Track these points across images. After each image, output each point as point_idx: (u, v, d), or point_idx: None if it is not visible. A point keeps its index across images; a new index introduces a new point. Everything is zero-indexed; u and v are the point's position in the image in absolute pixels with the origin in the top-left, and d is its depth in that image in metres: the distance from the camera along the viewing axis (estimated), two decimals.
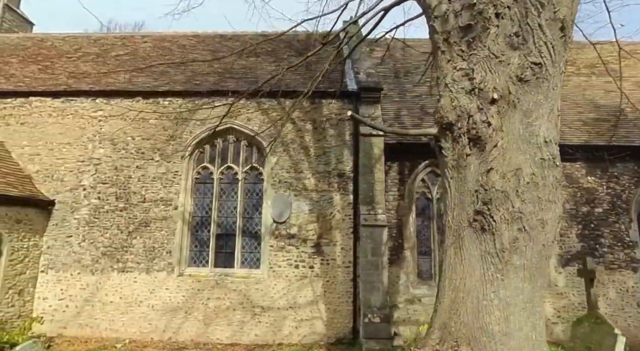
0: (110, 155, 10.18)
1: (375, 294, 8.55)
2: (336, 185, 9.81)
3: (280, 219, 9.64)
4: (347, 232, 9.57)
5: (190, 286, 9.47)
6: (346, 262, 9.45)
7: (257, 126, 10.18)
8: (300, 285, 9.39)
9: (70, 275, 9.63)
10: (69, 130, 10.38)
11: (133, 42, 14.17)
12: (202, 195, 10.22)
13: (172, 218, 9.79)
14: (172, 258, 9.61)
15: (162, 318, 9.34)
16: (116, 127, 10.33)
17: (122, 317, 9.39)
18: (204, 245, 9.98)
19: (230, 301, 9.37)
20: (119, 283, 9.54)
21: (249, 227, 10.01)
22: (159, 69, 11.83)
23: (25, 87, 10.88)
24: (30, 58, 13.01)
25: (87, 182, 10.06)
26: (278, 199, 9.73)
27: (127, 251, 9.68)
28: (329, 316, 9.26)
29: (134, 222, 9.80)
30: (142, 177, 10.01)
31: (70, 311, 9.46)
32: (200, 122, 10.25)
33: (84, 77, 11.39)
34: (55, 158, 10.23)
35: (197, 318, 9.33)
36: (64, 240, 9.80)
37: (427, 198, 10.52)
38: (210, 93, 10.41)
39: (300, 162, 9.96)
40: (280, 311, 9.31)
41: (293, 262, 9.50)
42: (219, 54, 12.92)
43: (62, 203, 9.96)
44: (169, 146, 10.16)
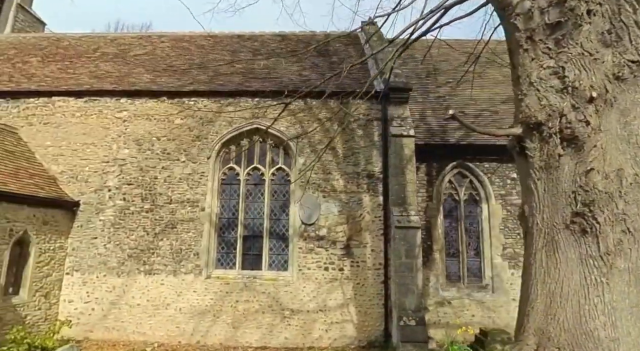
0: (136, 155, 10.05)
1: (409, 297, 8.44)
2: (365, 186, 9.70)
3: (309, 221, 9.53)
4: (377, 234, 9.46)
5: (219, 289, 9.34)
6: (376, 264, 9.34)
7: (285, 127, 10.07)
8: (330, 288, 9.27)
9: (96, 278, 9.49)
10: (93, 131, 10.25)
11: (150, 42, 14.06)
12: (228, 197, 10.09)
13: (199, 219, 9.67)
14: (200, 261, 9.48)
15: (190, 321, 9.21)
16: (141, 127, 10.21)
17: (150, 320, 9.25)
18: (230, 247, 9.85)
19: (259, 304, 9.24)
20: (146, 286, 9.40)
21: (276, 228, 9.89)
22: (180, 69, 11.75)
23: (48, 87, 10.74)
24: (49, 58, 12.87)
25: (112, 183, 9.92)
26: (307, 201, 9.62)
27: (153, 253, 9.54)
28: (360, 319, 9.14)
29: (160, 223, 9.67)
30: (168, 178, 9.88)
31: (97, 314, 9.31)
32: (226, 123, 10.13)
33: (106, 77, 11.29)
34: (79, 158, 10.10)
35: (226, 321, 9.20)
36: (89, 242, 9.66)
37: (454, 199, 10.43)
38: (235, 93, 10.32)
39: (328, 162, 9.84)
40: (310, 314, 9.19)
41: (322, 264, 9.38)
42: (239, 55, 12.87)
43: (86, 205, 9.83)
44: (194, 146, 10.04)
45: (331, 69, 11.64)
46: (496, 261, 9.85)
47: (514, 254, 9.83)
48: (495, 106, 11.45)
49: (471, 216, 10.37)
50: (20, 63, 12.46)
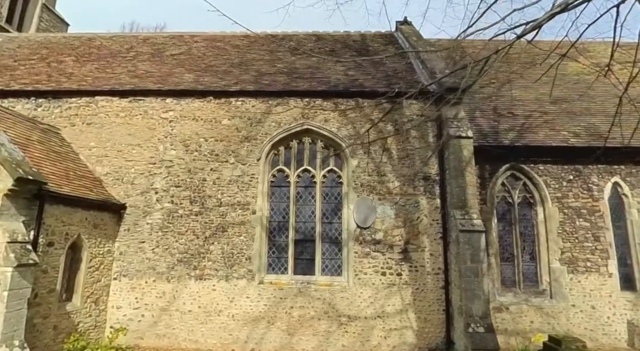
0: (183, 157, 9.77)
1: (476, 302, 8.15)
2: (422, 189, 9.44)
3: (365, 224, 9.26)
4: (435, 238, 9.20)
5: (272, 295, 9.05)
6: (435, 269, 9.07)
7: (336, 127, 9.81)
8: (388, 293, 8.99)
9: (145, 283, 9.18)
10: (138, 131, 9.97)
11: (184, 42, 13.82)
12: (278, 199, 9.81)
13: (250, 222, 9.38)
14: (252, 265, 9.19)
15: (244, 328, 8.91)
16: (188, 128, 9.94)
17: (202, 327, 8.95)
18: (282, 251, 9.56)
19: (315, 310, 8.95)
20: (197, 292, 9.10)
21: (328, 232, 9.61)
22: (221, 69, 11.52)
23: (90, 86, 10.46)
24: (84, 57, 12.61)
25: (159, 185, 9.63)
26: (362, 203, 9.35)
27: (204, 257, 9.25)
28: (420, 325, 8.86)
29: (211, 226, 9.38)
30: (217, 180, 9.60)
31: (147, 320, 9.00)
32: (275, 123, 9.87)
33: (147, 77, 11.03)
34: (125, 160, 9.81)
35: (281, 327, 8.90)
36: (137, 246, 9.36)
37: (507, 202, 10.18)
38: (284, 93, 10.06)
39: (382, 164, 9.58)
40: (367, 320, 8.90)
41: (380, 268, 9.10)
42: (277, 54, 12.65)
43: (133, 207, 9.53)
44: (243, 148, 9.76)
45: (375, 68, 11.43)
46: (554, 265, 9.59)
47: (573, 258, 9.58)
48: (544, 107, 11.20)
49: (525, 219, 10.12)
50: (55, 62, 12.19)
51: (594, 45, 13.50)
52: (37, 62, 12.24)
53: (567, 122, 10.61)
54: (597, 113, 10.92)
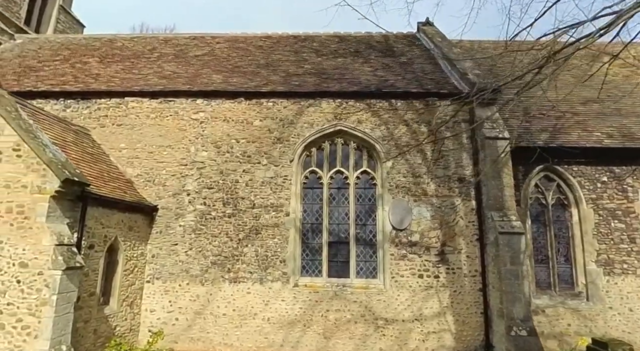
0: (215, 158, 9.68)
1: (517, 305, 8.06)
2: (457, 190, 9.35)
3: (401, 226, 9.16)
4: (471, 239, 9.11)
5: (307, 298, 8.94)
6: (472, 271, 8.97)
7: (369, 129, 9.73)
8: (425, 296, 8.89)
9: (178, 286, 9.07)
10: (169, 132, 9.88)
11: (206, 43, 13.75)
12: (311, 201, 9.72)
13: (284, 225, 9.28)
14: (287, 268, 9.09)
15: (279, 332, 8.80)
16: (219, 129, 9.85)
17: (237, 331, 8.84)
18: (315, 254, 9.46)
19: (351, 314, 8.85)
20: (232, 295, 8.99)
21: (362, 234, 9.52)
22: (248, 69, 11.45)
23: (119, 87, 10.37)
24: (107, 58, 12.53)
25: (191, 186, 9.54)
26: (397, 205, 9.26)
27: (238, 260, 9.15)
28: (458, 328, 8.76)
29: (244, 229, 9.28)
30: (250, 182, 9.50)
31: (181, 324, 8.89)
32: (307, 124, 9.79)
33: (174, 77, 10.95)
34: (156, 161, 9.72)
35: (317, 331, 8.80)
36: (170, 249, 9.25)
37: (540, 204, 10.09)
38: (316, 94, 9.99)
39: (417, 166, 9.50)
40: (405, 323, 8.80)
41: (416, 271, 9.01)
42: (302, 55, 12.59)
43: (165, 209, 9.44)
44: (275, 149, 9.67)
45: (404, 69, 11.37)
46: (590, 268, 9.49)
47: (609, 260, 9.48)
48: (575, 108, 11.13)
49: (559, 221, 10.02)
50: (79, 63, 12.10)
51: (617, 47, 13.46)
52: (60, 63, 12.16)
53: (599, 123, 10.54)
54: (628, 115, 10.85)
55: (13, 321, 5.88)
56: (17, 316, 5.89)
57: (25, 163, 6.36)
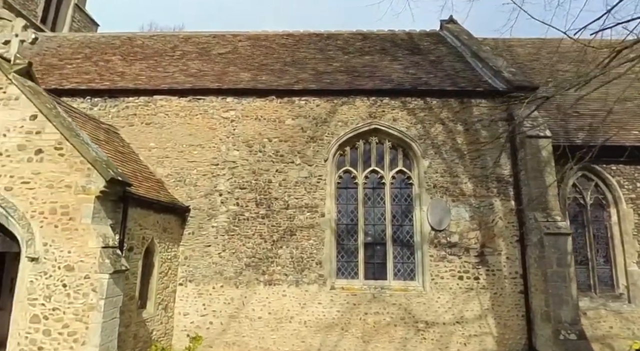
0: (247, 157, 9.46)
1: (564, 308, 7.87)
2: (495, 190, 9.15)
3: (440, 227, 8.96)
4: (511, 241, 8.90)
5: (345, 300, 8.73)
6: (513, 273, 8.77)
7: (405, 127, 9.52)
8: (466, 298, 8.68)
9: (212, 289, 8.85)
10: (199, 131, 9.66)
11: (227, 41, 13.53)
12: (345, 201, 9.51)
13: (319, 226, 9.07)
14: (323, 270, 8.87)
15: (317, 336, 8.58)
16: (250, 128, 9.64)
17: (273, 334, 8.62)
18: (351, 255, 9.25)
19: (391, 316, 8.64)
20: (267, 297, 8.77)
21: (399, 235, 9.30)
22: (275, 67, 11.24)
23: (147, 85, 10.15)
24: (130, 56, 12.31)
25: (224, 186, 9.32)
26: (436, 205, 9.05)
27: (272, 262, 8.93)
28: (499, 331, 8.55)
29: (278, 230, 9.06)
30: (284, 182, 9.29)
31: (216, 328, 8.67)
32: (341, 123, 9.58)
33: (202, 75, 10.74)
34: (186, 161, 9.50)
35: (355, 334, 8.58)
36: (203, 250, 9.03)
37: (578, 204, 9.88)
38: (349, 92, 9.78)
39: (454, 165, 9.29)
40: (446, 326, 8.59)
41: (456, 272, 8.80)
42: (328, 52, 12.38)
43: (197, 210, 9.22)
44: (309, 148, 9.46)
45: (434, 67, 11.16)
46: (631, 269, 9.30)
47: None
48: (608, 105, 10.92)
49: (597, 221, 9.82)
50: (101, 61, 11.87)
51: None
52: (82, 61, 11.93)
53: (636, 121, 10.35)
54: None
55: (59, 327, 5.65)
56: (64, 322, 5.66)
57: (69, 163, 6.15)
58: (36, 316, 5.71)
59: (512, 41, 14.50)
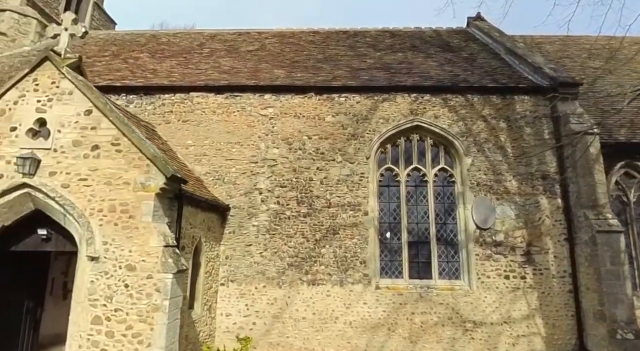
0: (287, 155, 9.30)
1: (620, 307, 7.72)
2: (541, 188, 9.00)
3: (485, 225, 8.81)
4: (558, 239, 8.76)
5: (391, 300, 8.57)
6: (561, 272, 8.63)
7: (447, 124, 9.37)
8: (513, 298, 8.54)
9: (254, 289, 8.68)
10: (237, 129, 9.50)
11: (254, 39, 13.38)
12: (387, 199, 9.35)
13: (362, 224, 8.91)
14: (368, 269, 8.71)
15: (363, 336, 8.43)
16: (289, 125, 9.48)
17: (317, 335, 8.45)
18: (394, 254, 9.10)
19: (438, 316, 8.48)
20: (310, 297, 8.61)
21: (443, 233, 9.15)
22: (308, 64, 11.10)
23: (182, 82, 9.98)
24: (157, 53, 12.14)
25: (264, 185, 9.15)
26: (481, 203, 8.90)
27: (316, 261, 8.77)
28: (548, 331, 8.40)
29: (320, 229, 8.90)
30: (325, 180, 9.13)
31: (259, 329, 8.50)
32: (383, 120, 9.43)
33: (236, 72, 10.57)
34: (225, 159, 9.33)
35: (402, 335, 8.42)
36: (244, 250, 8.86)
37: (621, 202, 9.74)
38: (390, 89, 9.63)
39: (498, 163, 9.15)
40: (493, 326, 8.44)
41: (502, 272, 8.65)
42: (359, 50, 12.24)
43: (237, 209, 9.05)
44: (350, 146, 9.31)
45: (469, 64, 11.03)
46: None
47: None
48: None
49: None
50: (130, 59, 11.71)
51: None
52: (111, 59, 11.75)
53: None
54: None
55: (123, 328, 5.48)
56: (127, 323, 5.49)
57: (126, 159, 5.98)
58: (98, 318, 5.53)
59: (539, 38, 14.39)
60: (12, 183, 5.91)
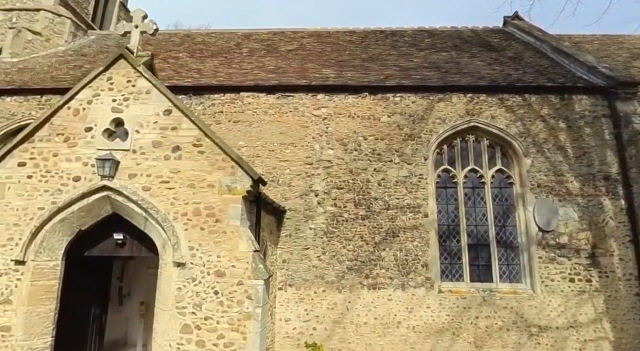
0: (342, 156, 9.10)
1: None
2: (603, 189, 8.84)
3: (548, 227, 8.63)
4: (623, 241, 8.59)
5: (454, 304, 8.38)
6: (627, 275, 8.46)
7: (504, 125, 9.20)
8: (578, 301, 8.36)
9: (313, 293, 8.47)
10: (290, 129, 9.29)
11: (290, 38, 13.20)
12: (444, 201, 9.16)
13: (423, 226, 8.72)
14: (430, 273, 8.52)
15: (427, 341, 8.23)
16: (344, 126, 9.29)
17: (380, 341, 8.25)
18: (453, 257, 8.91)
19: (502, 320, 8.29)
20: (372, 302, 8.41)
21: (502, 236, 8.97)
22: (355, 64, 10.92)
23: (231, 82, 9.77)
24: (196, 53, 11.94)
25: (319, 186, 8.95)
26: (543, 205, 8.73)
27: (376, 265, 8.56)
28: (616, 335, 8.23)
29: (380, 231, 8.71)
30: (383, 181, 8.93)
31: (319, 334, 8.28)
32: (439, 120, 9.25)
33: (283, 72, 10.37)
34: (278, 160, 9.12)
35: (467, 339, 8.23)
36: (301, 253, 8.65)
37: None
38: (445, 89, 9.45)
39: (558, 163, 8.98)
40: (559, 331, 8.26)
41: (567, 275, 8.47)
42: (401, 49, 12.07)
43: (293, 211, 8.84)
44: (407, 146, 9.12)
45: (518, 63, 10.87)
46: None
47: None
48: None
49: None
50: (171, 58, 11.50)
51: None
52: None
53: None
54: None
55: (214, 337, 5.26)
56: (218, 332, 5.27)
57: (209, 160, 5.77)
58: (187, 326, 5.31)
59: (576, 37, 14.25)
60: (92, 186, 5.69)
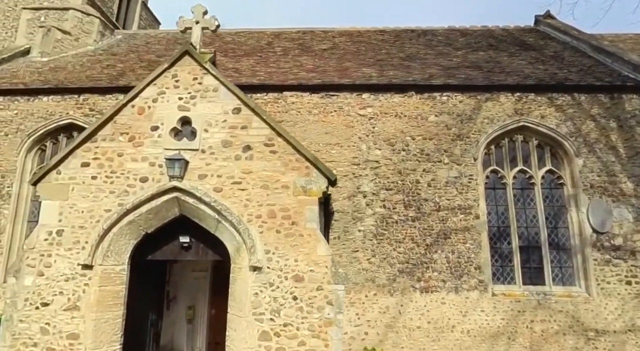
0: (390, 157, 8.92)
1: None
2: None
3: (603, 229, 8.47)
4: None
5: (509, 307, 8.20)
6: None
7: (554, 124, 9.04)
8: (636, 304, 8.19)
9: (364, 297, 8.27)
10: (335, 129, 9.11)
11: (322, 37, 13.03)
12: (494, 202, 8.99)
13: (474, 228, 8.54)
14: (484, 275, 8.33)
15: (482, 345, 8.04)
16: (390, 126, 9.10)
17: (434, 345, 8.06)
18: (505, 259, 8.73)
19: (558, 324, 8.11)
20: (424, 305, 8.22)
21: (553, 238, 8.80)
22: (395, 63, 10.76)
23: (273, 81, 9.59)
24: (229, 52, 11.75)
25: (367, 187, 8.76)
26: (597, 206, 8.56)
27: (428, 267, 8.38)
28: None
29: (431, 233, 8.52)
30: (433, 182, 8.75)
31: (372, 339, 8.09)
32: (488, 120, 9.08)
33: (323, 71, 10.19)
34: (324, 160, 8.75)
35: (523, 344, 8.05)
36: (350, 256, 8.46)
37: None
38: (492, 88, 9.29)
39: (610, 163, 8.82)
40: (617, 335, 8.08)
41: (623, 277, 8.30)
42: (435, 48, 11.90)
43: (341, 213, 8.65)
44: (456, 147, 8.94)
45: (560, 62, 10.72)
46: None
47: None
48: None
49: None
50: None
51: None
52: None
53: None
54: None
55: (294, 345, 5.06)
56: (299, 339, 5.08)
57: (282, 161, 5.58)
58: (266, 333, 5.11)
59: (609, 36, 14.11)
60: (160, 187, 5.48)
